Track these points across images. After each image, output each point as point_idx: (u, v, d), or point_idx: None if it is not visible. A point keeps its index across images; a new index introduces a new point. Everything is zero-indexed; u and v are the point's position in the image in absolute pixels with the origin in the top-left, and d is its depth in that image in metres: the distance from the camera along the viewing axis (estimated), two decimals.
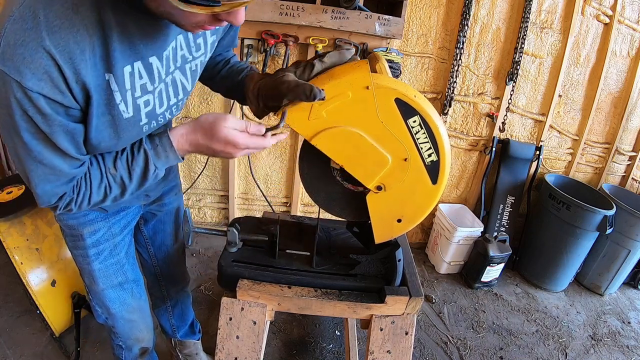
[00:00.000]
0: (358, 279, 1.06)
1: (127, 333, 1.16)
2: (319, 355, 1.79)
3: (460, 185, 2.64)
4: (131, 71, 0.67)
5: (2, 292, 1.87)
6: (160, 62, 0.72)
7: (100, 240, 0.99)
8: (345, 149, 0.84)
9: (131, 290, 1.11)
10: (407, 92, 0.81)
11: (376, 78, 0.79)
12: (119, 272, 1.06)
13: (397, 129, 0.83)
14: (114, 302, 1.08)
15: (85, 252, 0.98)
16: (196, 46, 0.80)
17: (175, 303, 1.45)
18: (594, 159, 2.67)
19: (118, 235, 1.03)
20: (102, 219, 0.98)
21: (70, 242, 1.00)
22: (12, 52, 0.54)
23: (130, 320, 1.14)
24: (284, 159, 2.45)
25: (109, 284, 1.05)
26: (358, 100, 0.80)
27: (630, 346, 2.13)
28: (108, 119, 0.69)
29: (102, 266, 1.01)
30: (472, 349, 1.94)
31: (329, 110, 0.81)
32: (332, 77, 0.80)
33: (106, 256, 1.01)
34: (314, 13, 1.92)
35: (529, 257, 2.55)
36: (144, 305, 1.18)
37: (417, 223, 0.96)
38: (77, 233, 0.96)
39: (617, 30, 2.30)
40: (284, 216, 1.40)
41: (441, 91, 2.32)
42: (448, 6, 2.15)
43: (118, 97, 0.68)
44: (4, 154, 2.11)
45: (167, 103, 0.80)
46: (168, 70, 0.75)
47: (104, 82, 0.65)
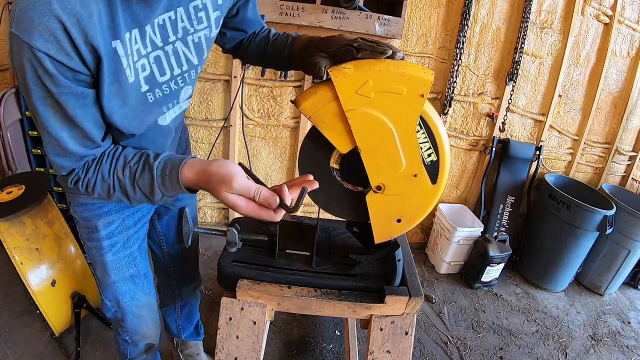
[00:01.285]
0: (358, 279, 1.06)
1: (134, 328, 1.17)
2: (319, 355, 1.79)
3: (460, 185, 2.64)
4: (130, 37, 0.69)
5: (2, 292, 1.87)
6: (152, 28, 0.73)
7: (114, 232, 1.01)
8: (372, 136, 0.83)
9: (142, 285, 1.12)
10: None
11: None
12: (131, 265, 1.07)
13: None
14: (125, 295, 1.09)
15: (99, 243, 1.00)
16: (198, 19, 0.81)
17: (185, 303, 1.45)
18: (594, 159, 2.67)
19: (132, 228, 1.04)
20: (117, 211, 1.00)
21: (85, 234, 1.01)
22: (23, 15, 0.58)
23: (139, 315, 1.15)
24: (284, 159, 2.45)
25: (120, 277, 1.06)
26: (408, 101, 0.80)
27: (630, 346, 2.13)
28: (116, 87, 0.70)
29: (114, 258, 1.03)
30: (472, 349, 1.94)
31: (378, 95, 0.80)
32: (397, 66, 0.79)
33: (119, 248, 1.03)
34: (314, 13, 1.92)
35: (529, 257, 2.55)
36: (153, 301, 1.19)
37: (416, 223, 0.96)
38: (91, 225, 0.98)
39: (617, 30, 2.30)
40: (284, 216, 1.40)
41: (441, 91, 2.31)
42: (448, 6, 2.15)
43: (125, 62, 0.69)
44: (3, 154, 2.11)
45: (170, 73, 0.80)
46: (166, 39, 0.76)
47: (112, 50, 0.67)
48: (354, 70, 0.79)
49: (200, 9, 0.80)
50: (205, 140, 2.34)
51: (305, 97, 0.83)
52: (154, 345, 1.26)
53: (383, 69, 0.79)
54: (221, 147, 2.38)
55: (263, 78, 2.20)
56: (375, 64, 0.80)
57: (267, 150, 2.41)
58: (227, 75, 2.18)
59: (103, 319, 1.76)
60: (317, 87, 0.82)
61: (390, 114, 0.82)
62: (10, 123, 2.10)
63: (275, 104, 2.28)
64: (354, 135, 0.83)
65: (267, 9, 1.88)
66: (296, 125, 2.34)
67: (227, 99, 2.25)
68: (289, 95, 2.27)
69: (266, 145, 2.41)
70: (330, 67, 0.80)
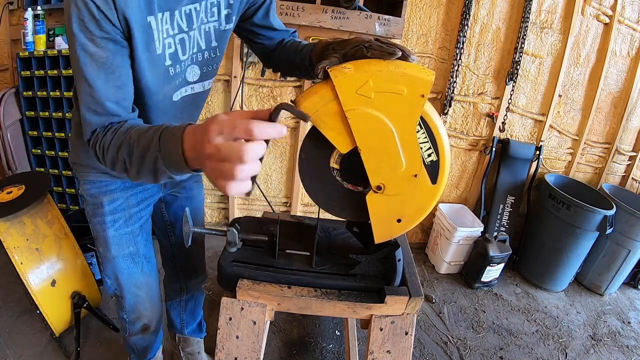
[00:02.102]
0: (358, 279, 1.06)
1: (132, 307, 1.21)
2: (319, 355, 1.79)
3: (460, 185, 2.64)
4: (162, 17, 0.80)
5: (2, 292, 1.87)
6: (181, 15, 0.84)
7: (118, 209, 1.07)
8: (372, 136, 0.83)
9: (141, 265, 1.16)
10: None
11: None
12: (131, 242, 1.12)
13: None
14: (123, 272, 1.13)
15: (103, 218, 1.06)
16: (211, 13, 0.92)
17: (190, 298, 1.48)
18: (594, 159, 2.67)
19: (134, 207, 1.10)
20: (121, 190, 1.07)
21: (90, 210, 1.08)
22: None
23: (136, 295, 1.19)
24: (284, 159, 2.45)
25: (120, 253, 1.11)
26: (408, 101, 0.80)
27: (630, 346, 2.13)
28: (147, 55, 0.81)
29: (116, 234, 1.09)
30: (472, 349, 1.94)
31: (378, 95, 0.80)
32: (398, 66, 0.79)
33: (121, 225, 1.09)
34: (314, 13, 1.92)
35: (529, 257, 2.55)
36: (153, 284, 1.22)
37: (417, 223, 0.96)
38: (97, 201, 1.05)
39: (617, 30, 2.30)
40: (284, 216, 1.40)
41: (441, 91, 2.32)
42: (448, 6, 2.15)
43: (155, 36, 0.80)
44: (3, 154, 2.11)
45: (189, 52, 0.91)
46: (191, 25, 0.87)
47: (147, 23, 0.77)
48: (354, 70, 0.79)
49: (214, 5, 0.92)
50: None
51: (305, 97, 0.83)
52: (150, 326, 1.29)
53: (383, 69, 0.79)
54: None
55: (263, 78, 2.20)
56: (376, 64, 0.80)
57: (267, 150, 2.41)
58: (227, 75, 2.18)
59: (103, 319, 1.76)
60: (317, 87, 0.82)
61: (390, 114, 0.82)
62: (10, 123, 2.10)
63: (275, 104, 2.27)
64: (354, 135, 0.83)
65: None
66: (296, 125, 2.34)
67: (227, 99, 2.25)
68: (289, 95, 2.27)
69: None
70: (331, 67, 0.80)
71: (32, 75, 2.05)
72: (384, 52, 0.80)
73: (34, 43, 2.03)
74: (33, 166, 2.25)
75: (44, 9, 2.01)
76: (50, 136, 2.15)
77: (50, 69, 2.01)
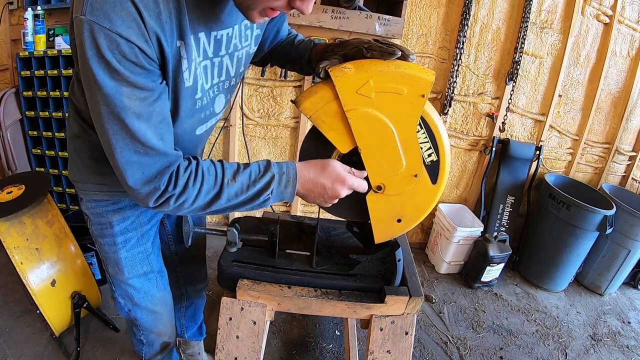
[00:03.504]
0: (358, 279, 1.06)
1: (150, 326, 1.16)
2: (319, 355, 1.79)
3: (460, 185, 2.64)
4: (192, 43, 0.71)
5: (2, 292, 1.87)
6: (208, 39, 0.76)
7: (129, 228, 1.00)
8: (372, 136, 0.83)
9: (156, 281, 1.11)
10: None
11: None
12: (144, 262, 1.06)
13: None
14: (139, 291, 1.08)
15: (113, 239, 0.99)
16: (245, 37, 0.87)
17: (190, 304, 1.45)
18: (594, 159, 2.67)
19: (146, 224, 1.04)
20: (131, 207, 0.99)
21: (97, 231, 1.00)
22: (102, 2, 0.57)
23: (153, 312, 1.14)
24: (284, 158, 2.45)
25: (134, 273, 1.05)
26: (409, 101, 0.80)
27: (630, 346, 2.13)
28: (172, 87, 0.72)
29: (128, 254, 1.02)
30: (472, 349, 1.94)
31: (378, 95, 0.80)
32: (398, 66, 0.79)
33: (133, 244, 1.02)
34: (314, 13, 1.92)
35: (529, 257, 2.55)
36: (168, 298, 1.18)
37: (417, 223, 0.96)
38: (105, 221, 0.97)
39: (617, 30, 2.30)
40: (284, 216, 1.40)
41: (441, 91, 2.31)
42: (448, 6, 2.15)
43: (185, 65, 0.71)
44: (3, 154, 2.11)
45: (211, 82, 0.83)
46: (217, 52, 0.80)
47: (176, 49, 0.68)
48: (355, 70, 0.79)
49: (248, 27, 0.86)
50: None
51: (306, 96, 0.83)
52: (170, 343, 1.25)
53: (384, 69, 0.79)
54: (221, 147, 2.38)
55: (263, 78, 2.20)
56: (376, 64, 0.80)
57: (267, 150, 2.41)
58: None
59: (103, 319, 1.76)
60: (318, 87, 0.82)
61: (390, 114, 0.82)
62: (10, 123, 2.10)
63: (275, 103, 2.28)
64: (355, 135, 0.83)
65: None
66: (296, 125, 2.34)
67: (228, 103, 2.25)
68: (289, 95, 2.27)
69: (266, 145, 2.41)
70: (331, 67, 0.80)
71: (32, 75, 2.05)
72: (384, 52, 0.80)
73: (34, 43, 2.03)
74: (33, 166, 2.25)
75: (44, 9, 2.01)
76: (50, 136, 2.15)
77: (50, 69, 2.01)
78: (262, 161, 0.81)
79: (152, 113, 0.67)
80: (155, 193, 0.72)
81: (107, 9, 0.57)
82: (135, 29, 0.60)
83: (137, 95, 0.64)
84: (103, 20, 0.57)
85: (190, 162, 0.76)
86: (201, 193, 0.75)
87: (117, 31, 0.58)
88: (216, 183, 0.76)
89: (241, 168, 0.79)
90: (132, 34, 0.59)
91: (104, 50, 0.59)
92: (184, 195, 0.73)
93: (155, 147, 0.69)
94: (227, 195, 0.76)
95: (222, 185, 0.76)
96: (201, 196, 0.75)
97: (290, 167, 0.81)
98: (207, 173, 0.75)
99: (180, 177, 0.73)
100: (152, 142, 0.68)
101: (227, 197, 0.76)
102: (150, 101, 0.66)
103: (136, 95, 0.64)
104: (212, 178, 0.76)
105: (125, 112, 0.64)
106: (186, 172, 0.74)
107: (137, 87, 0.64)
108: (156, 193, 0.72)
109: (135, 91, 0.64)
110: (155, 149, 0.69)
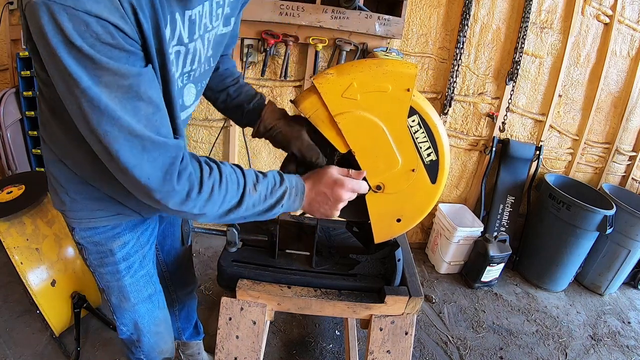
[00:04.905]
0: (358, 278, 1.06)
1: (152, 346, 1.12)
2: (319, 355, 1.79)
3: (460, 185, 2.64)
4: (168, 23, 0.62)
5: (2, 292, 1.87)
6: (182, 21, 0.65)
7: (130, 253, 0.94)
8: (364, 137, 0.84)
9: (157, 301, 1.07)
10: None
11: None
12: (148, 284, 1.02)
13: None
14: (144, 316, 1.04)
15: (116, 267, 0.93)
16: (215, 16, 0.74)
17: (182, 307, 1.44)
18: (594, 158, 2.67)
19: (146, 245, 0.99)
20: (130, 229, 0.93)
21: (96, 260, 0.92)
22: None
23: (157, 333, 1.10)
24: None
25: (139, 298, 1.00)
26: (395, 97, 0.80)
27: (630, 346, 2.13)
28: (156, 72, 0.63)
29: (133, 280, 0.97)
30: (472, 349, 1.94)
31: (364, 96, 0.80)
32: (380, 65, 0.80)
33: (137, 269, 0.97)
34: (314, 13, 1.92)
35: (529, 257, 2.55)
36: (167, 315, 1.14)
37: (416, 223, 0.96)
38: (105, 249, 0.90)
39: (617, 30, 2.30)
40: (283, 216, 1.40)
41: (441, 91, 2.31)
42: (448, 6, 2.15)
43: (166, 48, 0.63)
44: (3, 154, 2.11)
45: (181, 69, 0.73)
46: (192, 35, 0.69)
47: (156, 30, 0.59)
48: (337, 75, 0.80)
49: (220, 5, 0.75)
50: (205, 140, 2.34)
51: (305, 96, 0.83)
52: (171, 358, 1.23)
53: (365, 69, 0.79)
54: (221, 147, 2.38)
55: (263, 78, 2.20)
56: (357, 65, 0.81)
57: (267, 150, 2.41)
58: None
59: (103, 319, 1.76)
60: (306, 94, 0.83)
61: (379, 113, 0.82)
62: (10, 123, 2.11)
63: (275, 103, 2.27)
64: (346, 138, 0.84)
65: (267, 9, 1.88)
66: None
67: None
68: (289, 95, 2.26)
69: (266, 145, 2.41)
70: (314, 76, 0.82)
71: (32, 75, 2.05)
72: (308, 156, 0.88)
73: None
74: (33, 166, 2.25)
75: None
76: None
77: None
78: (276, 172, 0.80)
79: (142, 103, 0.57)
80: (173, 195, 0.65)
81: None
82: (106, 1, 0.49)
83: (121, 84, 0.53)
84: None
85: (212, 168, 0.70)
86: (225, 201, 0.71)
87: (84, 8, 0.47)
88: (238, 191, 0.72)
89: (260, 178, 0.76)
90: (104, 9, 0.48)
91: (70, 35, 0.47)
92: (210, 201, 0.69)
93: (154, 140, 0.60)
94: (246, 204, 0.73)
95: (244, 194, 0.73)
96: (225, 203, 0.71)
97: (298, 180, 0.82)
98: (230, 181, 0.71)
99: (204, 182, 0.67)
100: (148, 134, 0.59)
101: (245, 206, 0.73)
102: (137, 90, 0.55)
103: (119, 83, 0.53)
104: (235, 186, 0.72)
105: (111, 105, 0.53)
106: (210, 177, 0.69)
107: (118, 75, 0.53)
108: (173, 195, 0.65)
109: (118, 79, 0.53)
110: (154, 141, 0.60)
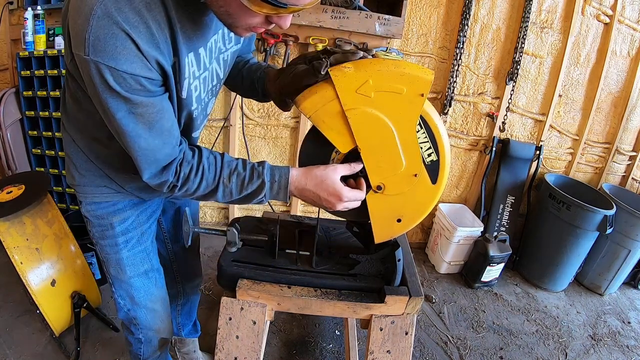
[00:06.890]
0: (358, 278, 1.06)
1: (149, 324, 1.17)
2: (319, 355, 1.79)
3: (460, 185, 2.64)
4: (188, 60, 0.76)
5: (2, 292, 1.87)
6: (205, 52, 0.81)
7: (129, 228, 1.03)
8: (372, 136, 0.83)
9: (155, 279, 1.13)
10: None
11: None
12: (145, 260, 1.09)
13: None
14: (139, 290, 1.10)
15: (115, 240, 1.02)
16: (229, 39, 0.89)
17: (186, 301, 1.47)
18: (594, 158, 2.67)
19: (145, 223, 1.07)
20: (131, 207, 1.02)
21: (98, 233, 1.03)
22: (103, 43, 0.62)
23: (153, 310, 1.15)
24: (284, 158, 2.45)
25: (135, 272, 1.07)
26: (408, 100, 0.80)
27: (630, 346, 2.13)
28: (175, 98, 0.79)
29: (130, 254, 1.05)
30: (472, 348, 1.94)
31: (378, 94, 0.80)
32: (398, 66, 0.80)
33: (134, 244, 1.05)
34: (314, 13, 1.92)
35: (529, 257, 2.55)
36: (165, 295, 1.20)
37: (417, 223, 0.96)
38: (106, 223, 1.00)
39: (617, 30, 2.30)
40: (283, 216, 1.40)
41: (441, 91, 2.31)
42: (448, 6, 2.15)
43: (179, 79, 0.77)
44: (3, 154, 2.11)
45: (206, 88, 0.89)
46: (211, 59, 0.85)
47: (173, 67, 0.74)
48: (354, 70, 0.79)
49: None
50: (205, 140, 2.34)
51: (306, 96, 0.83)
52: (168, 340, 1.26)
53: (383, 68, 0.79)
54: (221, 147, 2.38)
55: None
56: (376, 63, 0.81)
57: (267, 150, 2.41)
58: None
59: (103, 319, 1.76)
60: (318, 87, 0.82)
61: (390, 114, 0.82)
62: (10, 123, 2.11)
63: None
64: (354, 135, 0.83)
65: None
66: (296, 125, 2.34)
67: (227, 99, 2.25)
68: None
69: (266, 145, 2.41)
70: (331, 67, 0.80)
71: (32, 75, 2.05)
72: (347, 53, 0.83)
73: (34, 43, 2.03)
74: (33, 166, 2.25)
75: (44, 9, 2.01)
76: (50, 136, 2.15)
77: (50, 69, 2.01)
78: (258, 165, 0.87)
79: (159, 120, 0.75)
80: (165, 185, 0.83)
81: (109, 49, 0.63)
82: (138, 62, 0.66)
83: (144, 111, 0.73)
84: (108, 60, 0.63)
85: (194, 154, 0.84)
86: (200, 187, 0.84)
87: (122, 69, 0.65)
88: (214, 181, 0.84)
89: (238, 168, 0.85)
90: (136, 68, 0.66)
91: (112, 84, 0.66)
92: (185, 187, 0.83)
93: (164, 148, 0.79)
94: (221, 192, 0.85)
95: (218, 184, 0.84)
96: (200, 189, 0.84)
97: (283, 175, 0.86)
98: (208, 170, 0.84)
99: (182, 169, 0.82)
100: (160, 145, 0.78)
101: (222, 194, 0.86)
102: (156, 110, 0.74)
103: (142, 111, 0.72)
104: (212, 175, 0.84)
105: (138, 128, 0.73)
106: (189, 165, 0.82)
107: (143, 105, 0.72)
108: (165, 184, 0.83)
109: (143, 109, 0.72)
110: (164, 150, 0.79)
